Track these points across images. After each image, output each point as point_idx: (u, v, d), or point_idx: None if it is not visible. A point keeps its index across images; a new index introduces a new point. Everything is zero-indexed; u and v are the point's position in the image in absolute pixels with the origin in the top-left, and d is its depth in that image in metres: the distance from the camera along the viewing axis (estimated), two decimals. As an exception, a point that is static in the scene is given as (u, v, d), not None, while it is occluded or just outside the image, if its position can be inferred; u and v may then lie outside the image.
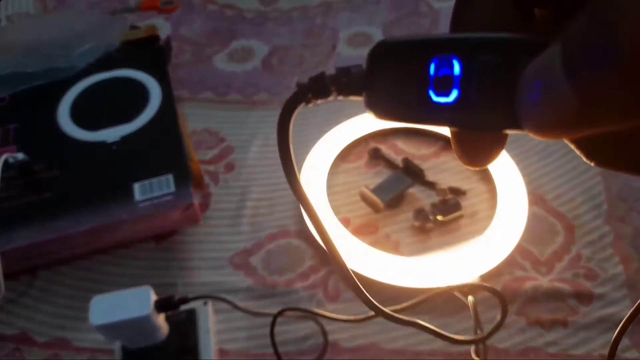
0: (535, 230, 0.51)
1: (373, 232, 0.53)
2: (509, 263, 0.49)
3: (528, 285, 0.48)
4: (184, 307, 0.42)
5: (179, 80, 0.68)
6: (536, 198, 0.54)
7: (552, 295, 0.47)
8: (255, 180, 0.57)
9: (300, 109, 0.17)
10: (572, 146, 0.15)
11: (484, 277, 0.47)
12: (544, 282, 0.48)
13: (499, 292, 0.24)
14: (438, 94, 0.15)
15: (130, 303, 0.37)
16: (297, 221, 0.53)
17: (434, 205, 0.53)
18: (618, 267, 0.49)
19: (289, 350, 0.45)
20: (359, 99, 0.16)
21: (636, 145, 0.14)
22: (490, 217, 0.52)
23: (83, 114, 0.58)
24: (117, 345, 0.42)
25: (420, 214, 0.52)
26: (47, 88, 0.60)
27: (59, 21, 0.69)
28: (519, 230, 0.50)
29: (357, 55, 0.72)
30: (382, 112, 0.16)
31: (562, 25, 0.12)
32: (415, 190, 0.55)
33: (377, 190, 0.53)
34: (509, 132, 0.15)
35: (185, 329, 0.43)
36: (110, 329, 0.37)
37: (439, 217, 0.52)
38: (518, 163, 0.56)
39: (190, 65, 0.72)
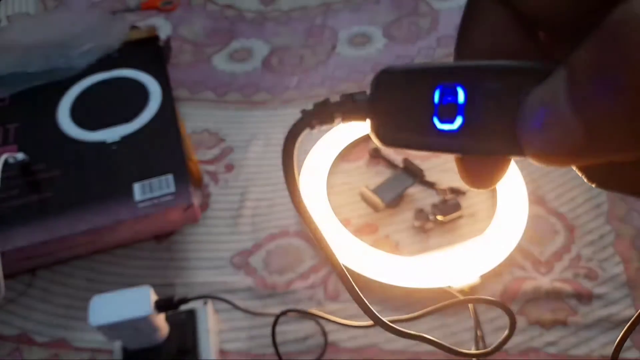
0: (535, 230, 0.51)
1: (373, 232, 0.53)
2: (509, 263, 0.49)
3: (528, 285, 0.48)
4: (184, 307, 0.42)
5: (179, 80, 0.68)
6: (536, 198, 0.54)
7: (552, 295, 0.47)
8: (255, 180, 0.57)
9: (305, 134, 0.17)
10: (574, 168, 0.15)
11: (484, 277, 0.47)
12: (544, 282, 0.48)
13: (507, 308, 0.24)
14: (442, 121, 0.15)
15: (130, 303, 0.37)
16: (297, 221, 0.53)
17: (434, 205, 0.53)
18: (618, 267, 0.49)
19: (289, 351, 0.45)
20: (363, 123, 0.16)
21: (633, 170, 0.13)
22: (490, 217, 0.52)
23: (83, 114, 0.58)
24: (117, 345, 0.42)
25: (420, 214, 0.52)
26: (47, 88, 0.60)
27: (59, 21, 0.69)
28: (519, 230, 0.50)
29: (357, 55, 0.72)
30: (387, 139, 0.16)
31: (566, 50, 0.12)
32: (415, 190, 0.55)
33: (377, 190, 0.53)
34: (512, 157, 0.16)
35: (185, 329, 0.43)
36: (110, 329, 0.37)
37: (439, 217, 0.52)
38: (518, 163, 0.56)
39: (190, 65, 0.72)
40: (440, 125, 0.15)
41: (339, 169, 0.58)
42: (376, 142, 0.16)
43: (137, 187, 0.50)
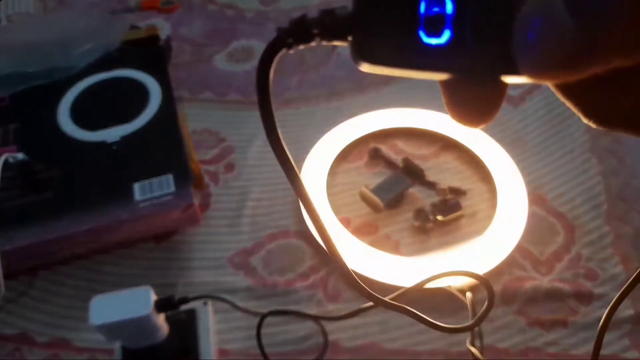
0: (535, 230, 0.51)
1: (373, 232, 0.53)
2: (509, 263, 0.49)
3: (528, 285, 0.48)
4: (184, 307, 0.42)
5: (179, 80, 0.68)
6: (536, 198, 0.54)
7: (552, 295, 0.47)
8: (255, 180, 0.57)
9: (282, 55, 0.15)
10: (570, 105, 0.14)
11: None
12: (544, 282, 0.48)
13: (482, 278, 0.24)
14: (429, 35, 0.14)
15: (130, 303, 0.37)
16: (297, 221, 0.53)
17: (434, 205, 0.53)
18: (618, 267, 0.49)
19: (289, 350, 0.45)
20: (343, 44, 0.15)
21: (636, 101, 0.13)
22: (490, 217, 0.52)
23: (83, 114, 0.58)
24: (117, 345, 0.42)
25: (420, 214, 0.52)
26: (47, 88, 0.60)
27: (59, 21, 0.69)
28: (519, 230, 0.50)
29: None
30: (369, 57, 0.14)
31: None
32: (415, 190, 0.55)
33: (377, 190, 0.53)
34: (506, 79, 0.14)
35: (185, 329, 0.43)
36: (110, 329, 0.37)
37: (439, 217, 0.52)
38: (518, 163, 0.56)
39: (190, 65, 0.72)
40: (427, 39, 0.14)
41: (339, 169, 0.58)
42: (357, 63, 0.15)
43: (137, 187, 0.50)
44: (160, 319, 0.40)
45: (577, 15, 0.10)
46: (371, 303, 0.20)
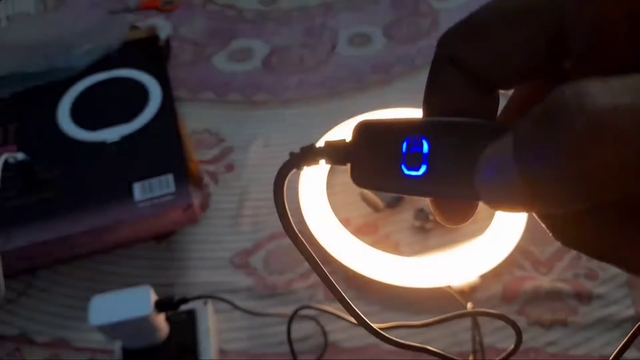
0: (535, 230, 0.51)
1: (373, 232, 0.53)
2: (509, 263, 0.49)
3: (528, 285, 0.48)
4: (184, 307, 0.42)
5: (179, 80, 0.68)
6: (536, 198, 0.54)
7: (552, 295, 0.47)
8: (255, 180, 0.57)
9: (292, 174, 0.20)
10: (543, 224, 0.17)
11: (484, 277, 0.47)
12: (544, 282, 0.48)
13: (514, 323, 0.25)
14: (409, 169, 0.17)
15: (130, 303, 0.37)
16: (297, 221, 0.53)
17: (434, 205, 0.52)
18: (618, 267, 0.49)
19: (289, 350, 0.45)
20: (344, 167, 0.19)
21: (595, 230, 0.15)
22: (490, 217, 0.52)
23: (83, 114, 0.58)
24: (117, 345, 0.42)
25: (420, 214, 0.52)
26: (47, 88, 0.60)
27: (59, 21, 0.69)
28: (519, 230, 0.50)
29: (357, 55, 0.72)
30: (363, 181, 0.19)
31: (521, 111, 0.14)
32: (415, 190, 0.55)
33: (377, 190, 0.53)
34: (472, 201, 0.18)
35: (185, 329, 0.43)
36: (110, 329, 0.37)
37: (439, 217, 0.52)
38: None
39: (190, 65, 0.72)
40: (408, 172, 0.17)
41: (339, 169, 0.58)
42: (354, 183, 0.19)
43: (137, 187, 0.50)
44: (160, 319, 0.40)
45: (522, 171, 0.13)
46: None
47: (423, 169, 0.17)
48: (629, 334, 0.21)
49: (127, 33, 0.67)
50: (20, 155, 0.51)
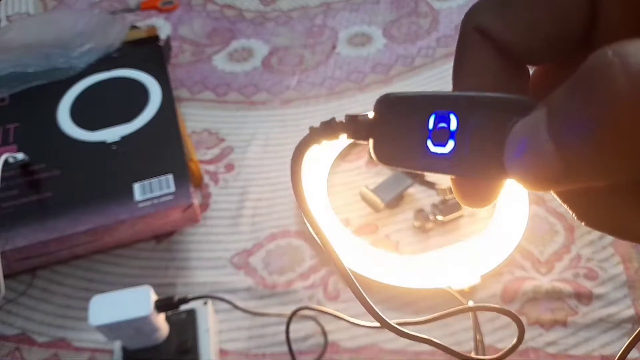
0: (535, 230, 0.51)
1: (373, 232, 0.53)
2: (509, 263, 0.49)
3: (528, 285, 0.48)
4: (184, 307, 0.42)
5: (179, 80, 0.68)
6: (536, 198, 0.54)
7: (552, 295, 0.47)
8: (255, 180, 0.57)
9: (311, 149, 0.19)
10: (566, 205, 0.16)
11: (484, 277, 0.47)
12: (544, 282, 0.48)
13: (515, 316, 0.25)
14: (436, 145, 0.16)
15: (130, 303, 0.37)
16: (297, 221, 0.53)
17: (434, 205, 0.53)
18: (618, 267, 0.49)
19: (288, 350, 0.45)
20: (365, 143, 0.18)
21: (622, 209, 0.15)
22: (490, 217, 0.52)
23: (83, 114, 0.58)
24: (117, 345, 0.42)
25: (420, 214, 0.52)
26: (47, 88, 0.60)
27: (59, 21, 0.69)
28: (519, 230, 0.50)
29: (357, 55, 0.72)
30: (385, 158, 0.17)
31: (551, 86, 0.13)
32: (415, 190, 0.55)
33: (377, 190, 0.53)
34: (499, 181, 0.17)
35: (185, 329, 0.43)
36: (110, 329, 0.37)
37: (439, 217, 0.52)
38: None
39: (190, 65, 0.72)
40: (433, 149, 0.16)
41: (339, 169, 0.58)
42: (375, 160, 0.18)
43: (137, 187, 0.50)
44: (160, 319, 0.40)
45: (557, 144, 0.12)
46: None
47: (450, 145, 0.16)
48: (635, 334, 0.21)
49: (127, 33, 0.67)
50: (20, 155, 0.51)
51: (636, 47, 0.11)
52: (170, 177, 0.50)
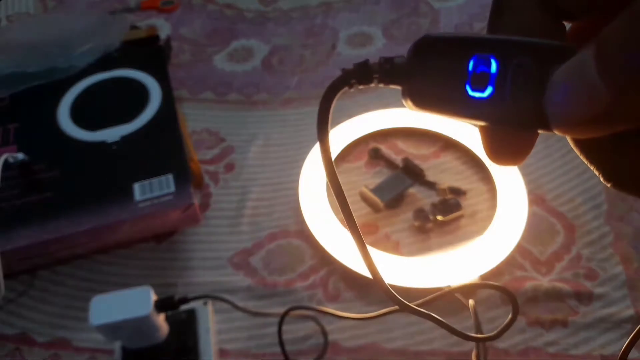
0: (535, 230, 0.51)
1: (373, 232, 0.53)
2: (509, 263, 0.49)
3: (528, 285, 0.48)
4: (184, 307, 0.42)
5: (179, 80, 0.68)
6: (536, 198, 0.54)
7: (552, 295, 0.47)
8: (255, 180, 0.57)
9: (343, 92, 0.18)
10: (592, 167, 0.15)
11: (484, 277, 0.47)
12: (544, 282, 0.48)
13: (508, 291, 0.25)
14: (474, 89, 0.16)
15: (130, 303, 0.37)
16: (297, 221, 0.53)
17: (434, 205, 0.53)
18: (618, 267, 0.49)
19: (288, 350, 0.45)
20: (398, 88, 0.17)
21: None
22: (490, 217, 0.52)
23: (83, 114, 0.58)
24: (117, 345, 0.42)
25: (420, 214, 0.52)
26: (47, 88, 0.60)
27: (59, 21, 0.69)
28: (519, 230, 0.50)
29: (357, 55, 0.72)
30: (420, 102, 0.16)
31: (589, 37, 0.13)
32: (415, 190, 0.55)
33: (377, 190, 0.53)
34: (538, 131, 0.16)
35: (185, 329, 0.43)
36: (110, 329, 0.37)
37: (439, 217, 0.52)
38: (518, 163, 0.56)
39: (190, 65, 0.72)
40: (472, 93, 0.16)
41: (339, 169, 0.58)
42: (409, 105, 0.17)
43: (137, 187, 0.50)
44: (160, 319, 0.40)
45: (608, 78, 0.12)
46: (395, 307, 0.21)
47: (489, 90, 0.15)
48: (634, 333, 0.21)
49: (127, 33, 0.67)
50: (20, 155, 0.51)
51: None
52: (170, 177, 0.50)
